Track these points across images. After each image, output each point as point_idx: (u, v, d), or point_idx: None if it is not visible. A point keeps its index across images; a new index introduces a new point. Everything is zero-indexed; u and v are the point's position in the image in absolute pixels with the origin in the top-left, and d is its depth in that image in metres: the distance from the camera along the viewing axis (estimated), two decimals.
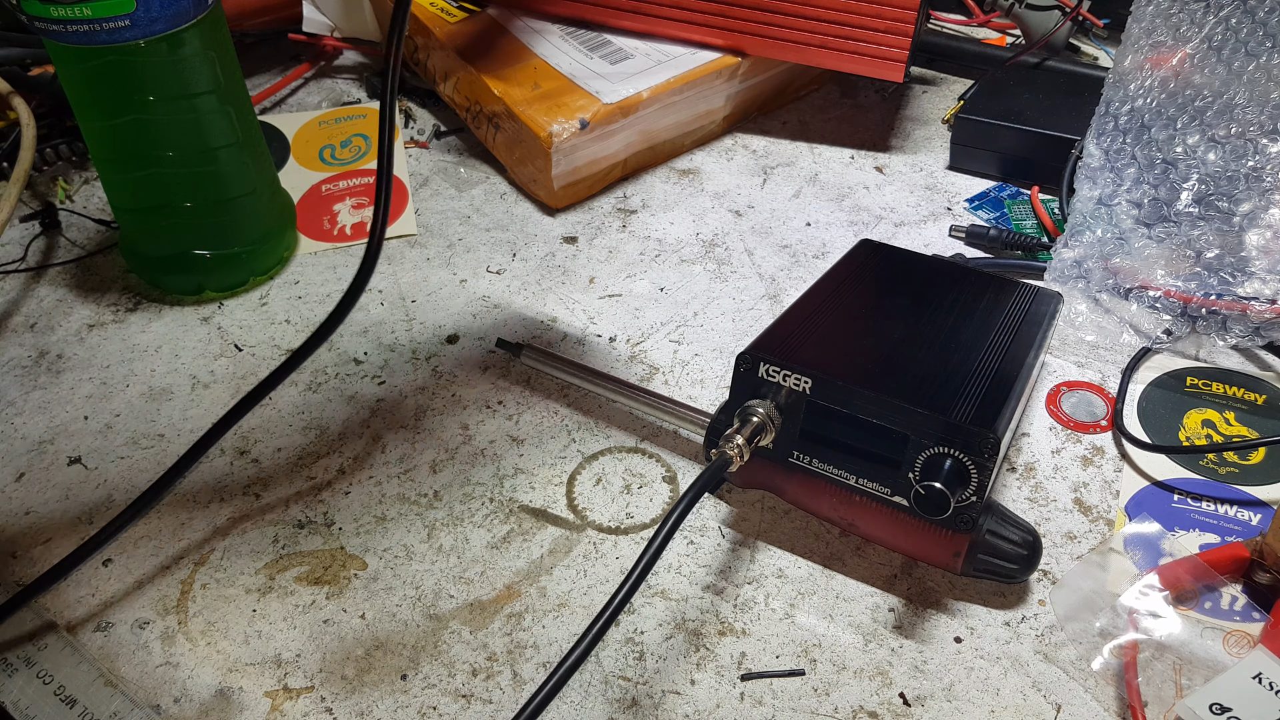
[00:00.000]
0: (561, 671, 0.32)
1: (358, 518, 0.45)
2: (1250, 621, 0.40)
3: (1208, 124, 0.53)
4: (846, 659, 0.39)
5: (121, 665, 0.39)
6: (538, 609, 0.41)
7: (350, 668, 0.39)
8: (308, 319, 0.56)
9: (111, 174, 0.54)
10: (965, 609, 0.41)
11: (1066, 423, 0.50)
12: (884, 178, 0.68)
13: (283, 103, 0.77)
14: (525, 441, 0.49)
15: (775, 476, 0.44)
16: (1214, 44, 0.54)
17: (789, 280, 0.59)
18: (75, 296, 0.58)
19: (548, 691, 0.32)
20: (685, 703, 0.38)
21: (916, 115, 0.75)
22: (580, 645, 0.33)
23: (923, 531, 0.41)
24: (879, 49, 0.65)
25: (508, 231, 0.63)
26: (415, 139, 0.72)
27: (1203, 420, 0.49)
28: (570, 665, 0.32)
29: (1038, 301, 0.47)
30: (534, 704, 0.32)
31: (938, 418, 0.37)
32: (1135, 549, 0.43)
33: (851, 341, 0.42)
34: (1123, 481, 0.47)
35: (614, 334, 0.55)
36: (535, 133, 0.61)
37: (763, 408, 0.40)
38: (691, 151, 0.71)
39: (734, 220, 0.64)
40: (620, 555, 0.44)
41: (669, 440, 0.49)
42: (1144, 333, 0.53)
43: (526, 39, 0.69)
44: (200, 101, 0.51)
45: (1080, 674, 0.39)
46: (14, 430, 0.50)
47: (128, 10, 0.46)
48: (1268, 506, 0.45)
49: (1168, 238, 0.53)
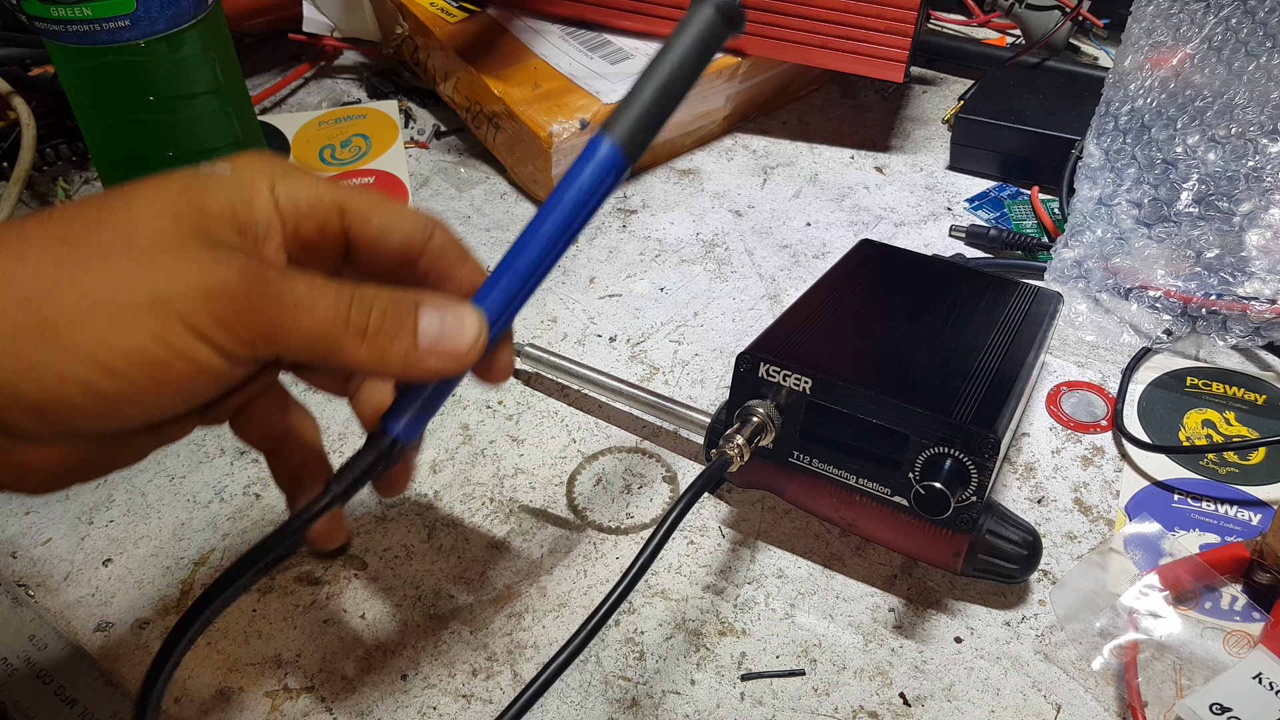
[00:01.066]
0: (553, 668, 0.32)
1: (358, 518, 0.45)
2: (1250, 621, 0.40)
3: (1208, 124, 0.53)
4: (846, 659, 0.39)
5: (121, 665, 0.39)
6: (538, 609, 0.41)
7: (350, 668, 0.39)
8: None
9: (111, 174, 0.54)
10: (965, 609, 0.41)
11: (1066, 423, 0.50)
12: (884, 178, 0.68)
13: (283, 103, 0.77)
14: (525, 441, 0.49)
15: (775, 476, 0.44)
16: (1214, 44, 0.54)
17: (789, 280, 0.59)
18: None
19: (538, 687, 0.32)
20: (685, 703, 0.38)
21: (916, 115, 0.75)
22: (574, 641, 0.32)
23: (923, 531, 0.41)
24: (879, 49, 0.65)
25: (508, 231, 0.63)
26: (415, 139, 0.72)
27: (1203, 420, 0.49)
28: (563, 662, 0.32)
29: (1038, 301, 0.47)
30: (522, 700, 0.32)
31: (938, 418, 0.37)
32: (1135, 549, 0.43)
33: (852, 341, 0.42)
34: (1123, 481, 0.47)
35: (614, 334, 0.55)
36: (535, 133, 0.61)
37: (763, 408, 0.40)
38: (691, 151, 0.71)
39: (734, 220, 0.64)
40: (620, 555, 0.43)
41: (669, 440, 0.49)
42: (1144, 333, 0.53)
43: (526, 39, 0.69)
44: (200, 101, 0.51)
45: (1080, 674, 0.39)
46: None
47: (128, 10, 0.46)
48: (1268, 506, 0.45)
49: (1168, 238, 0.53)
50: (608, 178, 0.30)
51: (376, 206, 0.31)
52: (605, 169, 0.30)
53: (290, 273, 0.26)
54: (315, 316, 0.26)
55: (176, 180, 0.27)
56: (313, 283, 0.26)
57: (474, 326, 0.29)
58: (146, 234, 0.25)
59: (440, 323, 0.28)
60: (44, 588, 0.42)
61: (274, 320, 0.25)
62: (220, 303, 0.24)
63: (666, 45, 0.31)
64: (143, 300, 0.24)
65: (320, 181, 0.30)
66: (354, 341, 0.27)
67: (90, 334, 0.24)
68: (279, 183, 0.29)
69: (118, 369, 0.24)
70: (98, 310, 0.24)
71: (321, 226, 0.30)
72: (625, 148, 0.30)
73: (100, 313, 0.24)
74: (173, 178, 0.27)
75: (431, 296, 0.29)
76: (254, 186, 0.28)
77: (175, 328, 0.24)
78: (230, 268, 0.25)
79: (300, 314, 0.26)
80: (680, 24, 0.31)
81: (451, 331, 0.28)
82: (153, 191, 0.26)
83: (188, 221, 0.26)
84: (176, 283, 0.24)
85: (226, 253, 0.25)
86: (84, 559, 0.43)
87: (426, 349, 0.28)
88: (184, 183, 0.27)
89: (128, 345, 0.24)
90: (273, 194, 0.29)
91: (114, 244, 0.25)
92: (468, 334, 0.29)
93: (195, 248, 0.25)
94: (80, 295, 0.24)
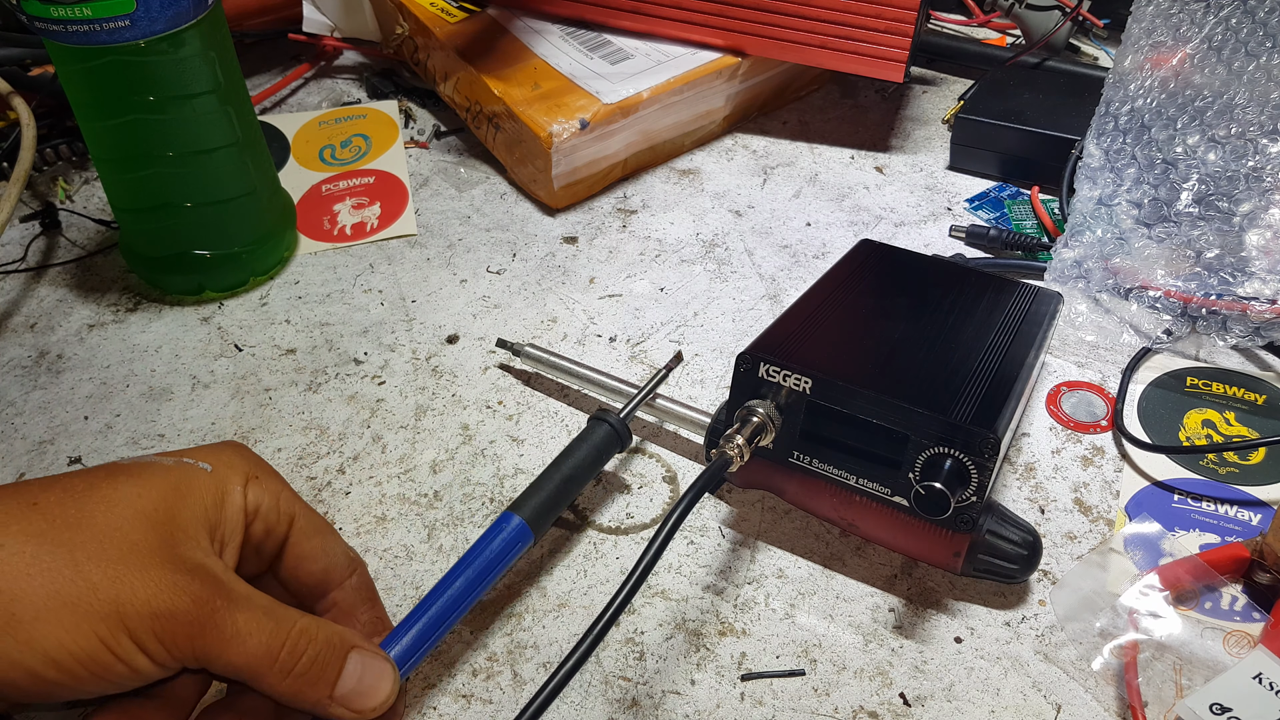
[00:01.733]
0: (563, 672, 0.32)
1: (358, 518, 0.45)
2: (1250, 621, 0.40)
3: (1208, 124, 0.53)
4: (846, 659, 0.39)
5: None
6: (538, 609, 0.41)
7: None
8: (308, 319, 0.56)
9: (111, 174, 0.54)
10: (965, 609, 0.41)
11: (1066, 423, 0.50)
12: (884, 178, 0.68)
13: (283, 103, 0.77)
14: (525, 441, 0.49)
15: (775, 476, 0.44)
16: (1214, 44, 0.54)
17: (789, 280, 0.59)
18: (75, 296, 0.58)
19: (550, 691, 0.32)
20: (685, 703, 0.38)
21: (916, 115, 0.75)
22: (582, 645, 0.33)
23: (923, 531, 0.41)
24: (879, 49, 0.65)
25: (508, 231, 0.63)
26: (415, 139, 0.72)
27: (1203, 420, 0.49)
28: (571, 666, 0.32)
29: (1038, 301, 0.47)
30: (535, 703, 0.32)
31: (938, 418, 0.37)
32: (1135, 549, 0.43)
33: (852, 341, 0.42)
34: (1123, 481, 0.47)
35: (614, 334, 0.55)
36: (535, 133, 0.61)
37: (763, 408, 0.40)
38: (691, 151, 0.71)
39: (734, 220, 0.64)
40: (620, 555, 0.44)
41: (669, 440, 0.49)
42: (1144, 333, 0.53)
43: (526, 39, 0.69)
44: (200, 101, 0.51)
45: (1080, 674, 0.39)
46: (14, 430, 0.50)
47: (128, 10, 0.46)
48: (1268, 506, 0.45)
49: (1168, 238, 0.53)
50: (516, 547, 0.37)
51: (319, 529, 0.34)
52: (513, 540, 0.37)
53: (237, 601, 0.29)
54: (247, 650, 0.29)
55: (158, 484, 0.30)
56: (253, 616, 0.29)
57: (389, 685, 0.32)
58: (118, 544, 0.28)
59: (360, 674, 0.31)
60: None
61: (209, 647, 0.28)
62: (165, 624, 0.27)
63: (569, 449, 0.41)
64: (102, 611, 0.27)
65: (285, 488, 0.33)
66: (276, 677, 0.29)
67: (49, 632, 0.26)
68: (251, 484, 0.32)
69: (65, 665, 0.27)
70: (61, 612, 0.26)
71: (269, 529, 0.33)
72: (531, 524, 0.38)
73: (63, 614, 0.26)
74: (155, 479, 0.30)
75: (362, 646, 0.32)
76: (229, 487, 0.32)
77: (123, 638, 0.27)
78: (184, 596, 0.28)
79: (234, 645, 0.28)
80: (581, 434, 0.42)
81: (369, 686, 0.31)
82: (134, 494, 0.29)
83: (160, 534, 0.29)
84: (136, 601, 0.27)
85: (186, 577, 0.28)
86: None
87: (340, 698, 0.31)
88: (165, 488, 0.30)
89: (79, 646, 0.27)
90: (245, 493, 0.32)
91: (87, 549, 0.28)
92: (382, 691, 0.31)
93: (158, 567, 0.28)
94: (49, 596, 0.26)
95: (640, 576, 0.34)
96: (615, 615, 0.33)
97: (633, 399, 0.44)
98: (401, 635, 0.34)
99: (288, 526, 0.33)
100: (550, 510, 0.39)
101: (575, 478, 0.40)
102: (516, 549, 0.38)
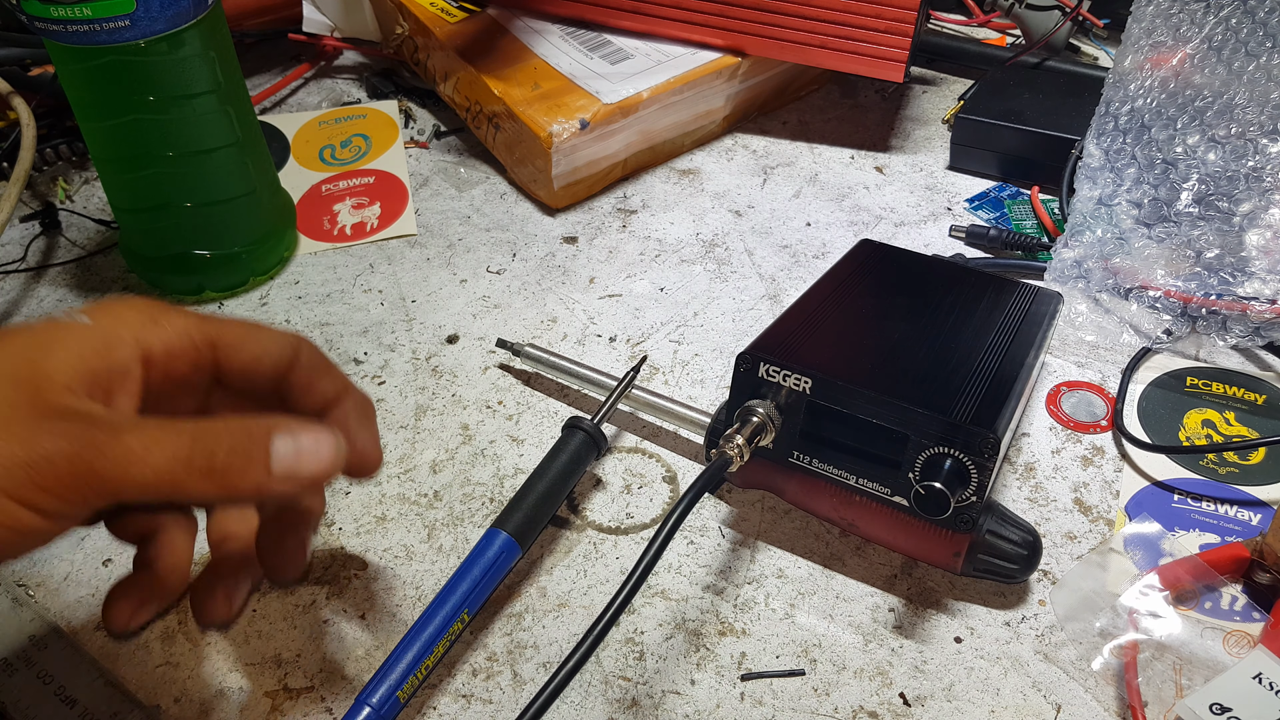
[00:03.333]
0: (563, 672, 0.32)
1: (358, 518, 0.45)
2: (1250, 621, 0.40)
3: (1208, 124, 0.53)
4: (846, 659, 0.39)
5: (121, 665, 0.39)
6: (538, 609, 0.41)
7: (350, 668, 0.39)
8: (308, 319, 0.56)
9: (111, 174, 0.54)
10: (965, 609, 0.41)
11: (1066, 423, 0.50)
12: (884, 178, 0.68)
13: (283, 103, 0.77)
14: (525, 441, 0.49)
15: (775, 476, 0.44)
16: (1214, 44, 0.54)
17: (789, 280, 0.59)
18: (75, 296, 0.58)
19: (550, 691, 0.32)
20: (685, 703, 0.38)
21: (916, 115, 0.75)
22: (582, 646, 0.33)
23: (923, 531, 0.41)
24: (879, 49, 0.65)
25: (508, 231, 0.63)
26: (415, 139, 0.72)
27: (1203, 420, 0.49)
28: (572, 667, 0.32)
29: (1038, 301, 0.47)
30: (536, 705, 0.32)
31: (938, 418, 0.37)
32: (1135, 549, 0.43)
33: (851, 341, 0.42)
34: (1123, 481, 0.47)
35: (614, 334, 0.55)
36: (535, 133, 0.61)
37: (763, 408, 0.40)
38: (691, 151, 0.71)
39: (734, 220, 0.64)
40: (620, 555, 0.44)
41: (669, 440, 0.49)
42: (1144, 333, 0.53)
43: (526, 39, 0.69)
44: (200, 102, 0.51)
45: (1080, 674, 0.39)
46: None
47: (128, 10, 0.46)
48: (1268, 506, 0.45)
49: (1168, 238, 0.53)
50: (506, 558, 0.39)
51: (246, 337, 0.34)
52: (501, 554, 0.39)
53: (122, 427, 0.28)
54: (153, 464, 0.28)
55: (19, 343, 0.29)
56: (147, 433, 0.28)
57: (328, 445, 0.31)
58: None
59: (295, 447, 0.30)
60: (44, 588, 0.42)
61: (105, 477, 0.27)
62: (44, 471, 0.27)
63: (547, 460, 0.43)
64: None
65: (191, 319, 0.33)
66: (198, 480, 0.29)
67: None
68: (147, 329, 0.31)
69: None
70: None
71: (195, 363, 0.33)
72: (517, 537, 0.40)
73: None
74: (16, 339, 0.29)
75: (285, 422, 0.31)
76: (114, 336, 0.31)
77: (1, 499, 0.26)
78: (59, 438, 0.27)
79: (136, 466, 0.28)
80: (558, 443, 0.43)
81: (308, 452, 0.30)
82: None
83: (24, 391, 0.28)
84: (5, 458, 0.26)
85: (54, 422, 0.27)
86: (84, 559, 0.43)
87: (281, 474, 0.30)
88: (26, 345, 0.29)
89: None
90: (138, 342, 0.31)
91: None
92: (324, 452, 0.31)
93: (23, 421, 0.27)
94: None
95: (640, 576, 0.34)
96: (615, 615, 0.33)
97: (603, 405, 0.45)
98: (398, 660, 0.36)
99: (212, 350, 0.33)
100: (535, 523, 0.41)
101: (554, 487, 0.42)
102: (507, 559, 0.40)
